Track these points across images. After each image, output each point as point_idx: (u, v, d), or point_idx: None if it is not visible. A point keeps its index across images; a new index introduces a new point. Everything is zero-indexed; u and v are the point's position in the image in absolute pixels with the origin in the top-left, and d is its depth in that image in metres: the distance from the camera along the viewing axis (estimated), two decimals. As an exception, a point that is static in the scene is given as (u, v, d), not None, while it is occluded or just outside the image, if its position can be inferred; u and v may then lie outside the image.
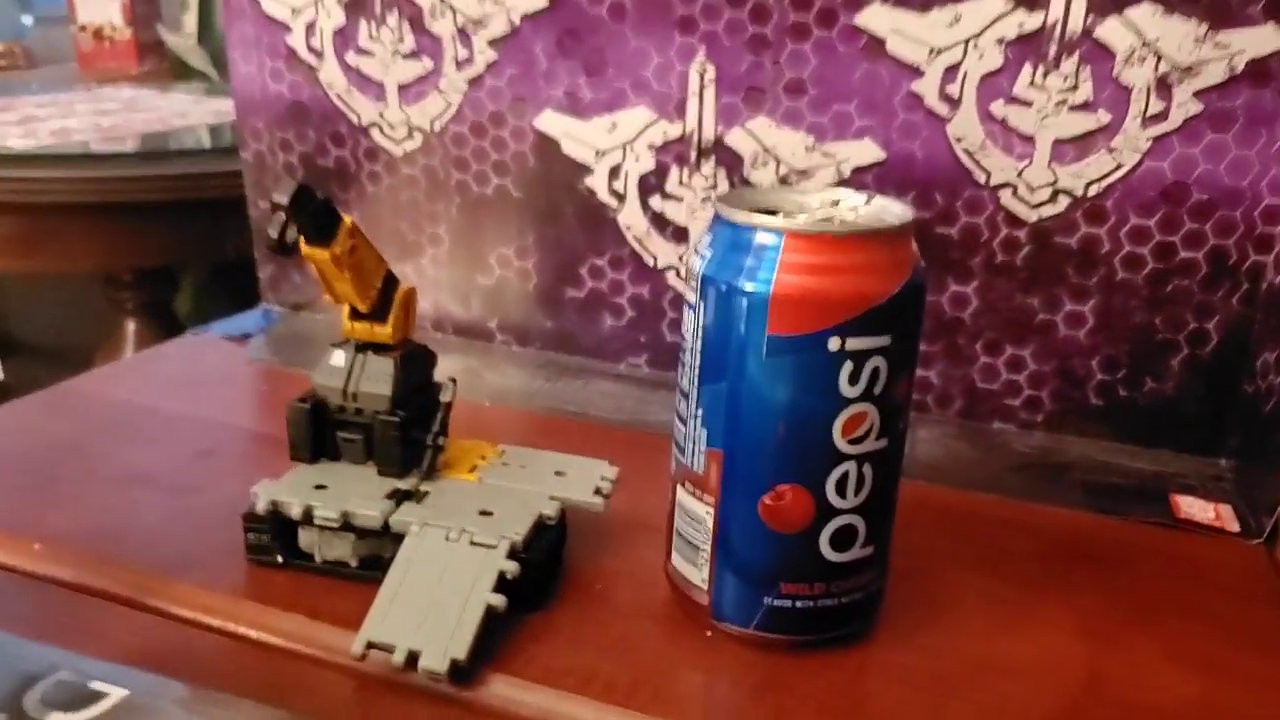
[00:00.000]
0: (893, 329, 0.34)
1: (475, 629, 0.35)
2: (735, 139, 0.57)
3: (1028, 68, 0.51)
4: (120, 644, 0.38)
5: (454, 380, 0.43)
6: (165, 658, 0.37)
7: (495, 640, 0.37)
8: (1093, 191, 0.52)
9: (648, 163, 0.59)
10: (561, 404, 0.59)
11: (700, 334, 0.35)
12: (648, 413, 0.58)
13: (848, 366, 0.33)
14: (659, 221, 0.60)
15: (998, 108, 0.52)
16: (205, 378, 0.62)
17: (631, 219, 0.61)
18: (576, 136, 0.60)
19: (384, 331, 0.41)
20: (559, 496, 0.41)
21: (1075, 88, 0.50)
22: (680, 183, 0.59)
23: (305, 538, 0.41)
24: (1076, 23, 0.50)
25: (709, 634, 0.38)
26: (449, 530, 0.38)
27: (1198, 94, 0.49)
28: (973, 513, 0.49)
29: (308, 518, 0.40)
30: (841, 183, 0.55)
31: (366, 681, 0.36)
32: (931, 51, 0.52)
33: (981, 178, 0.53)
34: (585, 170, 0.61)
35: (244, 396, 0.61)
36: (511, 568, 0.37)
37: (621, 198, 0.60)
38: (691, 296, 0.35)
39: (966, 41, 0.51)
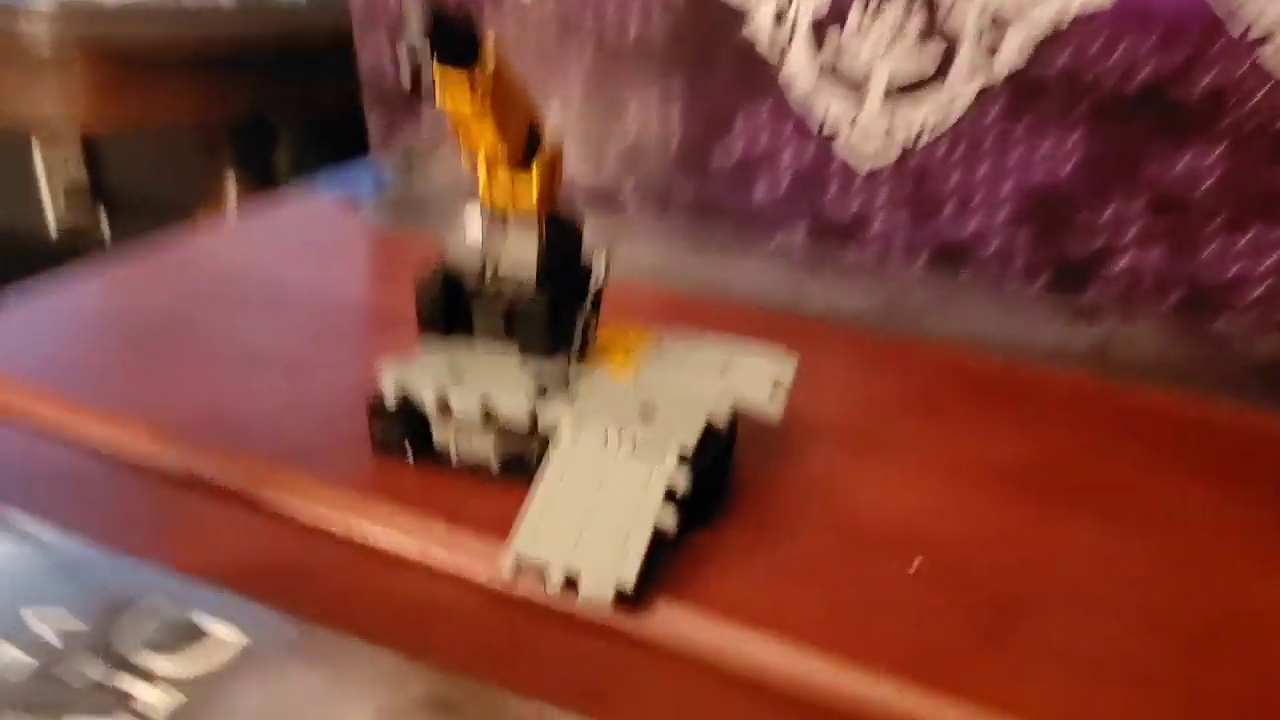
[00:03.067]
0: None
1: (642, 551, 0.30)
2: (928, -24, 0.48)
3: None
4: (228, 556, 0.33)
5: (608, 249, 0.36)
6: (279, 576, 0.32)
7: (658, 563, 0.31)
8: (1379, 43, 0.42)
9: (821, 4, 0.51)
10: (703, 282, 0.53)
11: None
12: (804, 296, 0.51)
13: None
14: (830, 75, 0.52)
15: (1266, -65, 0.42)
16: (317, 242, 0.56)
17: (797, 71, 0.53)
18: (735, -27, 0.52)
19: (527, 194, 0.35)
20: (730, 396, 0.35)
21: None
22: (858, 29, 0.50)
23: (440, 433, 0.35)
24: None
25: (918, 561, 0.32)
26: (607, 431, 0.33)
27: None
28: (1205, 421, 0.42)
29: (443, 409, 0.34)
30: (1061, 30, 0.46)
31: (512, 606, 0.31)
32: None
33: (1238, 29, 0.44)
34: (743, 15, 0.52)
35: (360, 265, 0.56)
36: (682, 482, 0.31)
37: (786, 48, 0.52)
38: None
39: None
